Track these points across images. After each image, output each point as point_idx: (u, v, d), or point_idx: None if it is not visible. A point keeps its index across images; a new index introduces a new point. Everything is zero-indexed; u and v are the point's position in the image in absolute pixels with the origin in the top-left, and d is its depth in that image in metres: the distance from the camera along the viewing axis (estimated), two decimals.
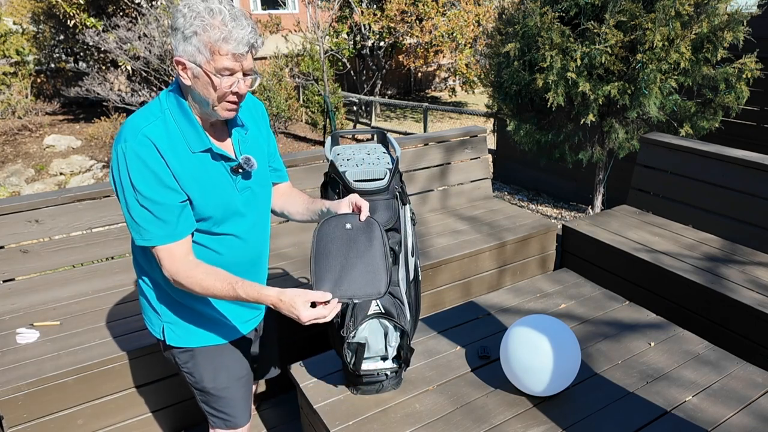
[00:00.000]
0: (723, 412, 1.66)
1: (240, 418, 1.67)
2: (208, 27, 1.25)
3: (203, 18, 1.24)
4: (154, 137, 1.32)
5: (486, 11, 10.43)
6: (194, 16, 1.24)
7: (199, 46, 1.26)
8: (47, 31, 11.28)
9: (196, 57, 1.27)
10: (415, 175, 3.42)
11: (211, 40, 1.25)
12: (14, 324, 2.30)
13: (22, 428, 1.99)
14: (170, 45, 8.77)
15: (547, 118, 4.10)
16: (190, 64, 1.28)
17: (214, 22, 1.25)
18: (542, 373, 1.65)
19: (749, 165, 2.86)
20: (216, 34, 1.25)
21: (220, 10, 1.26)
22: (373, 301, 1.64)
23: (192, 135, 1.37)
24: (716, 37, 3.44)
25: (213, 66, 1.28)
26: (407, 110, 12.93)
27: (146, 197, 1.32)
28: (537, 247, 3.22)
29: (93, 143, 10.10)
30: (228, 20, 1.26)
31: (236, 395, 1.65)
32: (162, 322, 1.55)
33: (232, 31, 1.26)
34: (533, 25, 3.63)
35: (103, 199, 2.58)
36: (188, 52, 1.27)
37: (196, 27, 1.25)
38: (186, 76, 1.31)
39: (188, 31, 1.25)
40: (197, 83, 1.31)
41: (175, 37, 1.28)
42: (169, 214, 1.34)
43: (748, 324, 2.33)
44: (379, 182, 1.61)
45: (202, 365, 1.58)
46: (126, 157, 1.30)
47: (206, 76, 1.29)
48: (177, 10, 1.27)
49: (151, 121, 1.34)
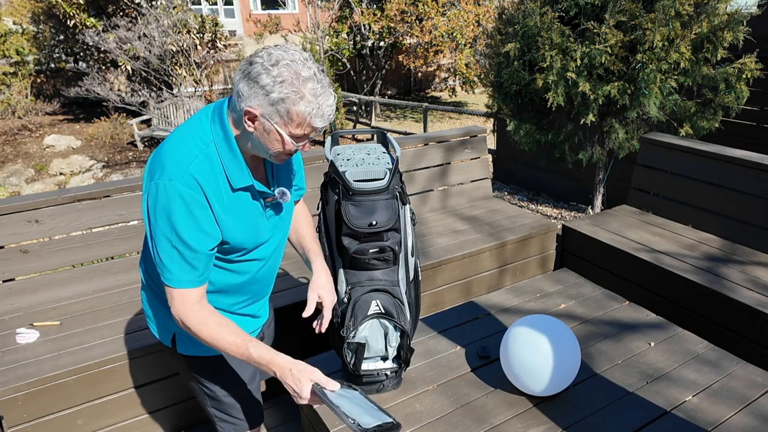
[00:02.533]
0: (723, 412, 1.66)
1: (255, 421, 1.66)
2: (298, 100, 1.17)
3: (294, 86, 1.16)
4: (200, 177, 1.23)
5: (486, 11, 10.43)
6: (282, 81, 1.16)
7: (283, 114, 1.18)
8: (47, 31, 11.28)
9: (274, 118, 1.19)
10: (415, 175, 3.42)
11: (300, 113, 1.18)
12: (14, 324, 2.30)
13: (22, 428, 1.99)
14: (171, 45, 8.78)
15: (547, 118, 4.10)
16: (265, 121, 1.20)
17: (305, 91, 1.17)
18: (542, 373, 1.65)
19: (749, 165, 2.86)
20: (305, 109, 1.18)
21: (310, 77, 1.17)
22: (373, 301, 1.64)
23: (236, 172, 1.29)
24: (716, 37, 3.44)
25: (289, 131, 1.21)
26: (407, 110, 12.94)
27: (181, 240, 1.25)
28: (537, 247, 3.22)
29: (93, 143, 10.10)
30: (318, 91, 1.18)
31: (249, 400, 1.64)
32: (173, 331, 1.51)
33: (321, 106, 1.19)
34: (533, 25, 3.63)
35: (103, 199, 2.58)
36: (267, 111, 1.19)
37: (286, 96, 1.16)
38: (251, 125, 1.22)
39: (275, 95, 1.16)
40: (263, 135, 1.23)
41: (251, 86, 1.17)
42: (198, 261, 1.29)
43: (749, 324, 2.33)
44: (379, 182, 1.61)
45: (215, 373, 1.56)
46: (168, 196, 1.21)
47: (278, 135, 1.22)
48: (259, 61, 1.17)
49: (196, 155, 1.24)
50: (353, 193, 1.58)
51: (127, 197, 2.61)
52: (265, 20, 16.32)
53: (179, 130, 1.29)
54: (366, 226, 1.58)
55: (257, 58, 1.17)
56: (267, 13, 18.99)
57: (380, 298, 1.64)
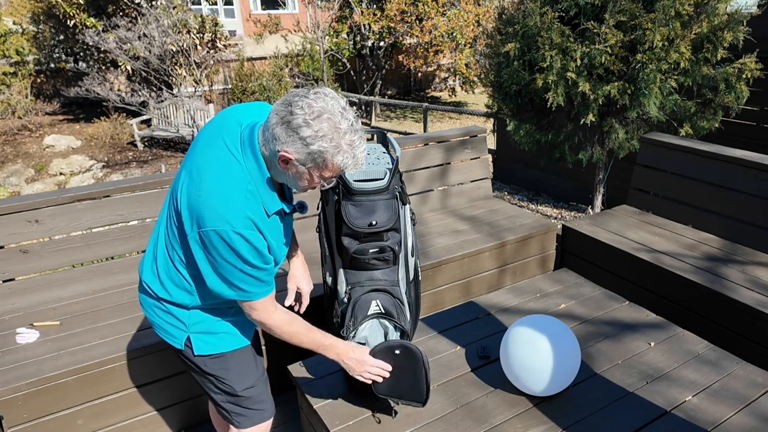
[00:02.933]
0: (723, 412, 1.66)
1: (269, 411, 1.72)
2: (336, 153, 1.24)
3: (333, 141, 1.23)
4: (254, 216, 1.32)
5: (486, 11, 10.43)
6: (323, 135, 1.22)
7: (320, 163, 1.25)
8: (47, 31, 11.28)
9: (308, 164, 1.26)
10: (415, 175, 3.42)
11: (336, 164, 1.26)
12: (14, 324, 2.30)
13: (22, 428, 1.99)
14: (171, 45, 8.78)
15: (547, 118, 4.10)
16: (300, 165, 1.27)
17: (342, 144, 1.24)
18: (542, 373, 1.65)
19: (749, 165, 2.86)
20: (342, 159, 1.25)
21: (347, 130, 1.24)
22: (373, 301, 1.64)
23: (270, 200, 1.36)
24: (716, 37, 3.44)
25: (321, 174, 1.29)
26: (407, 110, 12.94)
27: (253, 267, 1.34)
28: (537, 247, 3.22)
29: (93, 143, 10.10)
30: (356, 142, 1.26)
31: (264, 390, 1.69)
32: (188, 333, 1.54)
33: (356, 155, 1.27)
34: (533, 25, 3.63)
35: (103, 199, 2.58)
36: (302, 158, 1.25)
37: (325, 149, 1.23)
38: (284, 167, 1.29)
39: (314, 147, 1.22)
40: (295, 175, 1.30)
41: (289, 134, 1.23)
42: (269, 275, 1.40)
43: (749, 324, 2.33)
44: (379, 182, 1.61)
45: (233, 368, 1.60)
46: (233, 240, 1.29)
47: (310, 176, 1.29)
48: (300, 113, 1.22)
49: (245, 197, 1.31)
50: (353, 193, 1.58)
51: (127, 197, 2.61)
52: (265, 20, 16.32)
53: (218, 172, 1.32)
54: (366, 226, 1.58)
55: (298, 110, 1.22)
56: (267, 13, 18.99)
57: (380, 298, 1.64)
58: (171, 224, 1.44)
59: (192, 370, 1.61)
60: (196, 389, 2.29)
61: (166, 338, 1.57)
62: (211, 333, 1.55)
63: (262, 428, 1.71)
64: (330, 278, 1.75)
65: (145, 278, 1.54)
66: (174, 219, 1.42)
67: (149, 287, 1.53)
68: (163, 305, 1.53)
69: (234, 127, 1.38)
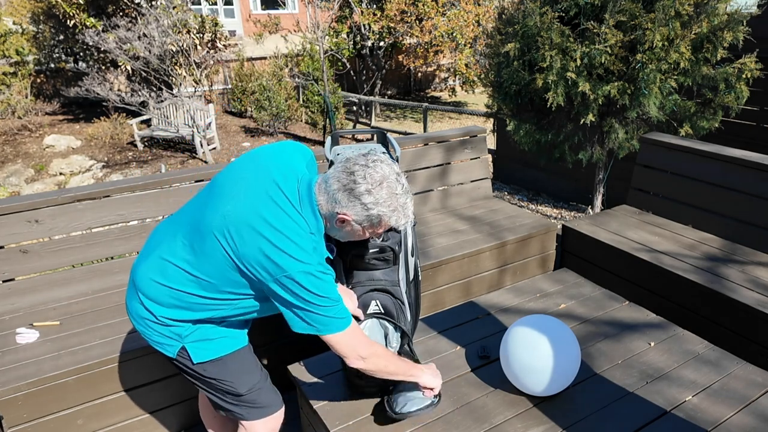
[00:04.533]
0: (723, 412, 1.66)
1: (277, 404, 1.72)
2: (392, 214, 1.37)
3: (391, 206, 1.37)
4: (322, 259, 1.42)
5: (486, 11, 10.43)
6: (382, 202, 1.35)
7: (375, 223, 1.39)
8: (47, 31, 11.27)
9: (364, 224, 1.39)
10: (415, 175, 3.43)
11: (390, 222, 1.39)
12: (14, 324, 2.30)
13: (22, 428, 1.99)
14: (171, 45, 8.78)
15: (547, 118, 4.10)
16: (356, 225, 1.39)
17: (397, 206, 1.37)
18: (542, 373, 1.65)
19: (749, 165, 2.86)
20: (395, 220, 1.39)
21: (402, 193, 1.38)
22: (372, 301, 1.64)
23: (324, 252, 1.47)
24: (716, 37, 3.44)
25: (374, 231, 1.42)
26: (407, 110, 12.94)
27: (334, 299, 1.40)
28: (537, 247, 3.22)
29: (93, 143, 10.10)
30: (408, 204, 1.40)
31: (268, 387, 1.70)
32: (182, 344, 1.53)
33: (408, 215, 1.40)
34: (533, 25, 3.63)
35: (103, 199, 2.58)
36: (360, 219, 1.38)
37: (383, 213, 1.36)
38: (340, 225, 1.41)
39: (373, 212, 1.36)
40: (349, 232, 1.43)
41: (351, 200, 1.35)
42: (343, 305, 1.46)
43: (748, 324, 2.33)
44: None
45: (233, 370, 1.61)
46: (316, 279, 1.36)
47: (363, 233, 1.42)
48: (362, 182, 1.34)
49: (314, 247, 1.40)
50: None
51: (127, 197, 2.61)
52: (265, 20, 16.32)
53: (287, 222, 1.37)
54: None
55: (361, 179, 1.35)
56: (267, 13, 18.99)
57: (380, 298, 1.64)
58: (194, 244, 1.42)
59: (187, 374, 1.61)
60: (196, 389, 2.29)
61: (157, 348, 1.55)
62: (207, 339, 1.55)
63: (274, 419, 1.71)
64: None
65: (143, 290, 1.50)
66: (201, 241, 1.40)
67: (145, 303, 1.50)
68: (160, 320, 1.50)
69: (288, 175, 1.43)
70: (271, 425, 1.71)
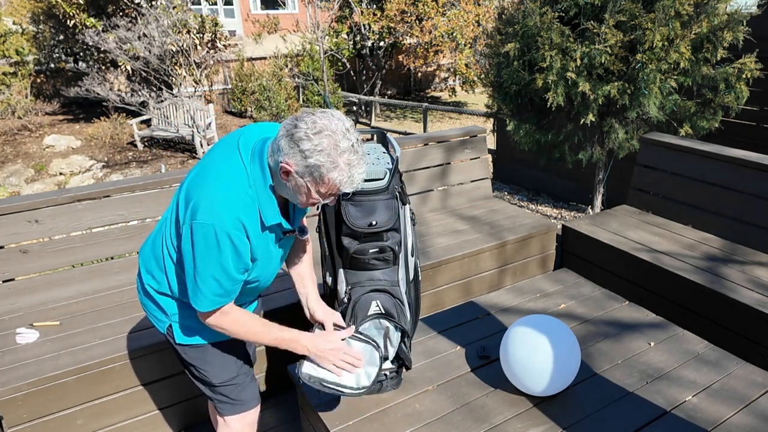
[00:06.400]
0: (723, 412, 1.66)
1: (250, 402, 1.74)
2: (332, 168, 1.27)
3: (330, 156, 1.26)
4: (246, 221, 1.35)
5: (486, 11, 10.43)
6: (321, 150, 1.25)
7: (316, 177, 1.28)
8: (47, 31, 11.27)
9: (306, 177, 1.29)
10: (415, 175, 3.42)
11: (332, 180, 1.29)
12: (14, 324, 2.30)
13: (22, 428, 1.99)
14: (171, 45, 8.78)
15: (547, 118, 4.11)
16: (298, 177, 1.30)
17: (340, 161, 1.27)
18: (542, 373, 1.65)
19: (749, 165, 2.86)
20: (337, 177, 1.28)
21: (347, 149, 1.28)
22: (373, 302, 1.64)
23: (269, 210, 1.40)
24: (716, 37, 3.44)
25: (318, 189, 1.31)
26: (407, 110, 12.94)
27: (226, 273, 1.37)
28: (537, 247, 3.22)
29: (93, 143, 10.10)
30: (353, 162, 1.29)
31: (246, 386, 1.72)
32: (169, 321, 1.60)
33: (353, 175, 1.30)
34: (533, 25, 3.63)
35: (103, 199, 2.58)
36: (301, 171, 1.28)
37: (321, 164, 1.26)
38: (285, 178, 1.32)
39: (311, 161, 1.26)
40: (295, 188, 1.33)
41: (291, 147, 1.27)
42: (235, 287, 1.43)
43: (748, 324, 2.33)
44: (379, 182, 1.61)
45: (212, 360, 1.64)
46: (218, 237, 1.32)
47: (308, 190, 1.32)
48: (303, 127, 1.26)
49: (242, 199, 1.35)
50: (353, 193, 1.58)
51: (126, 197, 2.61)
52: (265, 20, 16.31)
53: (223, 171, 1.37)
54: (366, 226, 1.58)
55: (302, 123, 1.27)
56: (266, 13, 18.99)
57: (380, 298, 1.64)
58: (173, 216, 1.50)
59: (175, 354, 1.67)
60: (196, 389, 2.29)
61: (153, 322, 1.64)
62: (191, 323, 1.59)
63: (246, 417, 1.74)
64: (330, 278, 1.76)
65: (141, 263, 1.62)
66: (174, 210, 1.48)
67: (141, 272, 1.61)
68: (151, 291, 1.59)
69: (251, 139, 1.42)
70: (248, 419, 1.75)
